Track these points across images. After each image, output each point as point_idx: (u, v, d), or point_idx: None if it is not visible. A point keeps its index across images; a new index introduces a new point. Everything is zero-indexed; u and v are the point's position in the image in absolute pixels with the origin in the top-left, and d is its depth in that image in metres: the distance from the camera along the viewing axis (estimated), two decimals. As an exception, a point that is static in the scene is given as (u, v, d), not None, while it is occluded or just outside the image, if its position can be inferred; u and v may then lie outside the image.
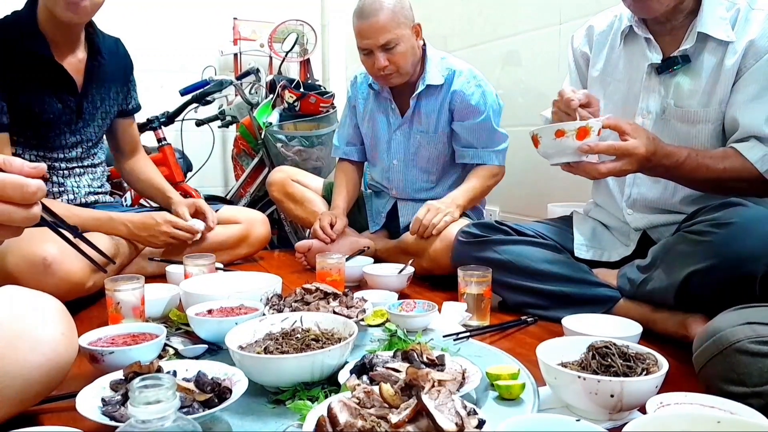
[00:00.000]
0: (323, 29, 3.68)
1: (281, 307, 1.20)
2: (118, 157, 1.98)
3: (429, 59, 1.93)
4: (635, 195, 1.43)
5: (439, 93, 1.93)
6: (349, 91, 2.18)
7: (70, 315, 0.93)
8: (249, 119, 2.88)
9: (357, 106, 2.13)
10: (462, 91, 1.89)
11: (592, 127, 1.18)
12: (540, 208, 2.06)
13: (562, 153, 1.22)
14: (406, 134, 2.01)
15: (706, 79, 1.28)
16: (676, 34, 1.31)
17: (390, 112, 2.02)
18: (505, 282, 1.46)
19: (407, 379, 0.74)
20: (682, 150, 1.22)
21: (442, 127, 1.95)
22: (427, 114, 1.95)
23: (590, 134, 1.18)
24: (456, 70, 1.91)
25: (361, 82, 2.12)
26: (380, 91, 2.02)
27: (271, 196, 2.29)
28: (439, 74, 1.92)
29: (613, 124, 1.20)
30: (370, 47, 1.81)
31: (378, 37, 1.79)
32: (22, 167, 0.64)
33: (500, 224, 1.56)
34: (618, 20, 1.44)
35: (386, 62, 1.82)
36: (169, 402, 0.51)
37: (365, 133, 2.12)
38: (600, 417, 0.83)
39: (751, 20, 1.24)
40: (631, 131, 1.19)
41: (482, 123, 1.90)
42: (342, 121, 2.22)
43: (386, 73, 1.85)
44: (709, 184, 1.25)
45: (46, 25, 1.58)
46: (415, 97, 1.94)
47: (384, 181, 2.14)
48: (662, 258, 1.23)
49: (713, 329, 0.89)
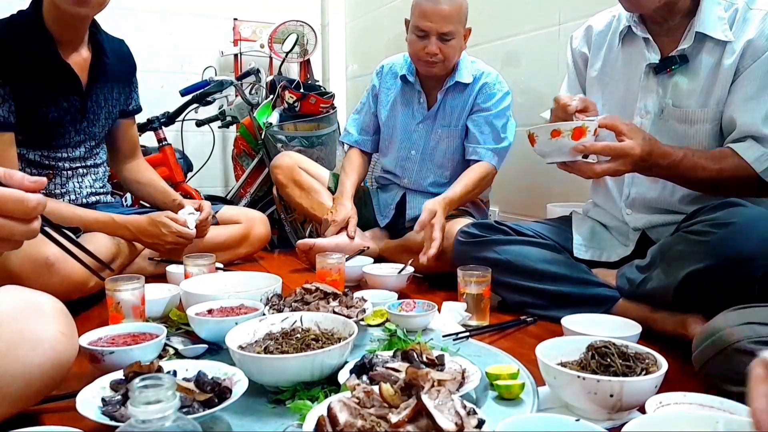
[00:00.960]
0: (323, 30, 3.68)
1: (281, 307, 1.20)
2: (117, 159, 1.96)
3: (462, 59, 1.98)
4: (634, 195, 1.43)
5: (466, 91, 1.98)
6: (374, 79, 2.17)
7: (71, 315, 0.93)
8: (249, 119, 2.88)
9: (379, 95, 2.14)
10: (487, 86, 1.96)
11: (588, 127, 1.18)
12: (539, 208, 2.06)
13: (558, 152, 1.22)
14: (429, 128, 2.04)
15: (704, 79, 1.28)
16: (674, 34, 1.32)
17: (417, 104, 2.04)
18: (505, 282, 1.46)
19: (407, 379, 0.74)
20: (679, 150, 1.22)
21: (463, 122, 2.00)
22: (451, 110, 2.00)
23: (586, 134, 1.18)
24: (484, 72, 1.99)
25: (387, 72, 2.13)
26: (413, 83, 2.03)
27: (274, 179, 2.25)
28: (469, 74, 1.98)
29: (610, 124, 1.20)
30: (429, 30, 1.84)
31: (441, 24, 1.83)
32: (22, 181, 0.64)
33: (500, 224, 1.56)
34: (616, 20, 1.44)
35: (438, 50, 1.86)
36: (169, 402, 0.51)
37: (384, 123, 2.13)
38: (599, 417, 0.83)
39: (749, 20, 1.24)
40: (628, 131, 1.19)
41: (492, 118, 1.94)
42: (359, 107, 2.22)
43: (433, 60, 1.88)
44: (706, 184, 1.25)
45: (51, 24, 1.58)
46: (443, 92, 1.98)
47: (397, 169, 2.14)
48: (661, 258, 1.23)
49: (713, 329, 0.89)
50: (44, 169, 1.68)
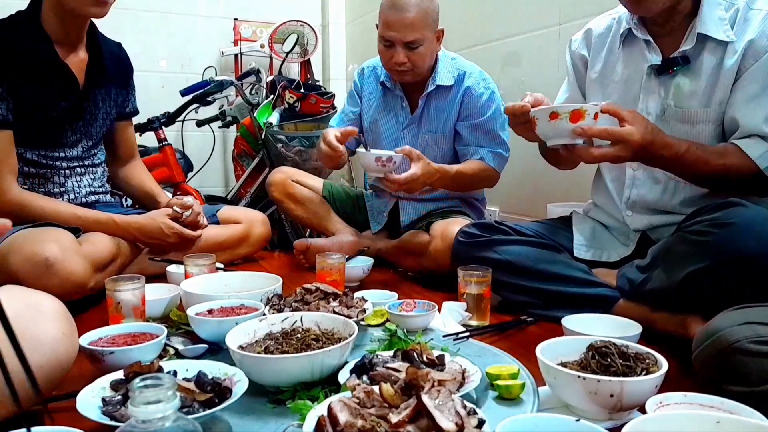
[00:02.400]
0: (324, 30, 3.68)
1: (281, 307, 1.20)
2: (114, 161, 1.95)
3: (440, 60, 1.92)
4: (634, 196, 1.43)
5: (448, 93, 1.92)
6: (355, 80, 2.14)
7: (71, 315, 0.93)
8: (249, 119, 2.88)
9: (362, 96, 2.10)
10: (471, 90, 1.90)
11: (587, 110, 1.19)
12: (540, 208, 2.06)
13: (557, 135, 1.23)
14: (414, 133, 1.99)
15: (705, 79, 1.28)
16: (676, 35, 1.31)
17: (401, 109, 2.00)
18: (505, 282, 1.46)
19: (407, 379, 0.74)
20: (683, 143, 1.22)
21: (450, 127, 1.95)
22: (436, 114, 1.95)
23: (584, 117, 1.19)
24: (466, 71, 1.92)
25: (368, 74, 2.09)
26: (392, 89, 2.00)
27: (270, 197, 2.28)
28: (450, 75, 1.92)
29: (612, 110, 1.20)
30: (394, 40, 1.80)
31: (405, 33, 1.78)
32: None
33: (500, 224, 1.56)
34: (616, 22, 1.44)
35: (405, 59, 1.81)
36: (169, 402, 0.51)
37: (368, 129, 2.08)
38: (599, 417, 0.83)
39: (750, 20, 1.24)
40: (630, 118, 1.18)
41: (485, 122, 1.89)
42: (342, 109, 2.19)
43: (402, 69, 1.84)
44: (709, 179, 1.25)
45: (50, 25, 1.59)
46: (424, 96, 1.94)
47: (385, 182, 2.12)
48: (662, 258, 1.23)
49: (713, 329, 0.89)
50: (41, 168, 1.68)
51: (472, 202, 2.09)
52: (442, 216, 1.93)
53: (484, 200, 2.16)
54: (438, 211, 2.00)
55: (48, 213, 1.59)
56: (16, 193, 1.58)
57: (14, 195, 1.58)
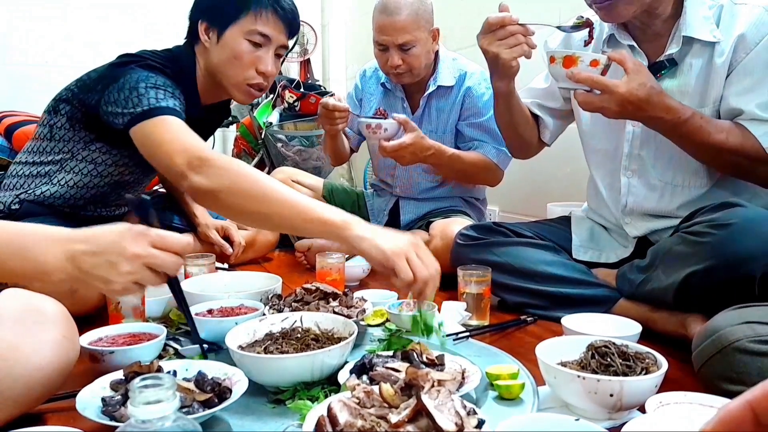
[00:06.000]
0: (323, 29, 3.68)
1: (281, 307, 1.20)
2: None
3: (441, 60, 1.93)
4: (631, 204, 1.42)
5: (449, 94, 1.93)
6: (357, 82, 2.14)
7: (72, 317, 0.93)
8: (249, 119, 2.88)
9: (363, 99, 2.11)
10: (473, 90, 1.90)
11: (580, 56, 1.19)
12: (539, 208, 2.06)
13: (558, 78, 1.24)
14: None
15: (695, 79, 1.27)
16: (660, 38, 1.30)
17: (402, 110, 2.00)
18: (505, 284, 1.45)
19: (407, 379, 0.74)
20: (687, 109, 1.19)
21: (451, 127, 1.95)
22: (437, 114, 1.95)
23: (577, 64, 1.19)
24: (467, 71, 1.92)
25: (370, 76, 2.10)
26: (393, 90, 2.01)
27: None
28: (451, 75, 1.92)
29: (618, 59, 1.18)
30: (387, 44, 1.81)
31: (397, 36, 1.78)
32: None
33: (498, 226, 1.56)
34: (598, 27, 1.41)
35: (400, 61, 1.81)
36: (169, 402, 0.51)
37: None
38: (599, 416, 0.83)
39: (737, 15, 1.22)
40: (630, 70, 1.16)
41: (487, 122, 1.89)
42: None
43: (398, 72, 1.84)
44: (709, 152, 1.22)
45: (202, 85, 1.56)
46: (425, 97, 1.94)
47: (388, 178, 2.13)
48: (661, 258, 1.23)
49: (712, 329, 0.89)
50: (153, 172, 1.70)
51: (472, 201, 2.09)
52: (442, 215, 1.93)
53: (484, 200, 2.16)
54: (438, 211, 2.01)
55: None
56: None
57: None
